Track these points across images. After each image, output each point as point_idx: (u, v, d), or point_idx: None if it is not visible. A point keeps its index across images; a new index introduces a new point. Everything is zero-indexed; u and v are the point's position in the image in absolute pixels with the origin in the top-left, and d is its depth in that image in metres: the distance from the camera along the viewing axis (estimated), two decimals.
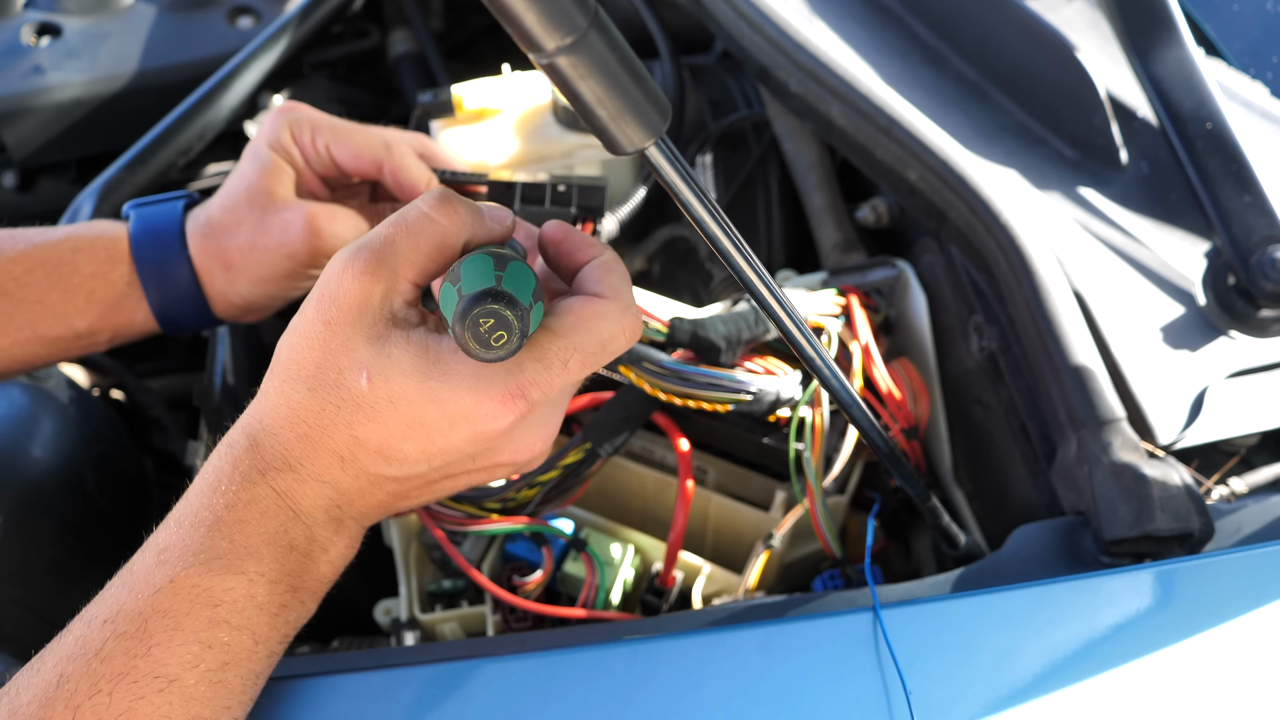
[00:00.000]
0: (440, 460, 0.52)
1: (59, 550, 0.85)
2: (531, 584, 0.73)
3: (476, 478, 0.56)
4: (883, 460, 0.66)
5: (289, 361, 0.52)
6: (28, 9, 1.32)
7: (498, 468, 0.56)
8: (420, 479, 0.54)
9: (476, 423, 0.51)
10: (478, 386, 0.50)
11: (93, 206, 0.95)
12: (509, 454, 0.55)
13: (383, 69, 1.45)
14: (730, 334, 0.73)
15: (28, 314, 0.73)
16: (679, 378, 0.71)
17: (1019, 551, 0.66)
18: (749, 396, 0.72)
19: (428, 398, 0.50)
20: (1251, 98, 0.90)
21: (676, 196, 0.45)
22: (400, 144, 0.79)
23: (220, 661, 0.49)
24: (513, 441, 0.54)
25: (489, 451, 0.54)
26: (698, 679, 0.57)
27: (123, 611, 0.49)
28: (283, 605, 0.52)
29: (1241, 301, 0.74)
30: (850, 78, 0.84)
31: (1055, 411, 0.70)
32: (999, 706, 0.56)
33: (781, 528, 0.75)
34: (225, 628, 0.49)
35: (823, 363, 0.56)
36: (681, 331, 0.73)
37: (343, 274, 0.50)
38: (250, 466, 0.51)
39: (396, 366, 0.50)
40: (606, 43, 0.38)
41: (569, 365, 0.52)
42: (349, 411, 0.50)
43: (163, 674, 0.47)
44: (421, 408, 0.50)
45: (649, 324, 0.73)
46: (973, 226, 0.77)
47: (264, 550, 0.51)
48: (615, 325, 0.53)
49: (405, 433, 0.51)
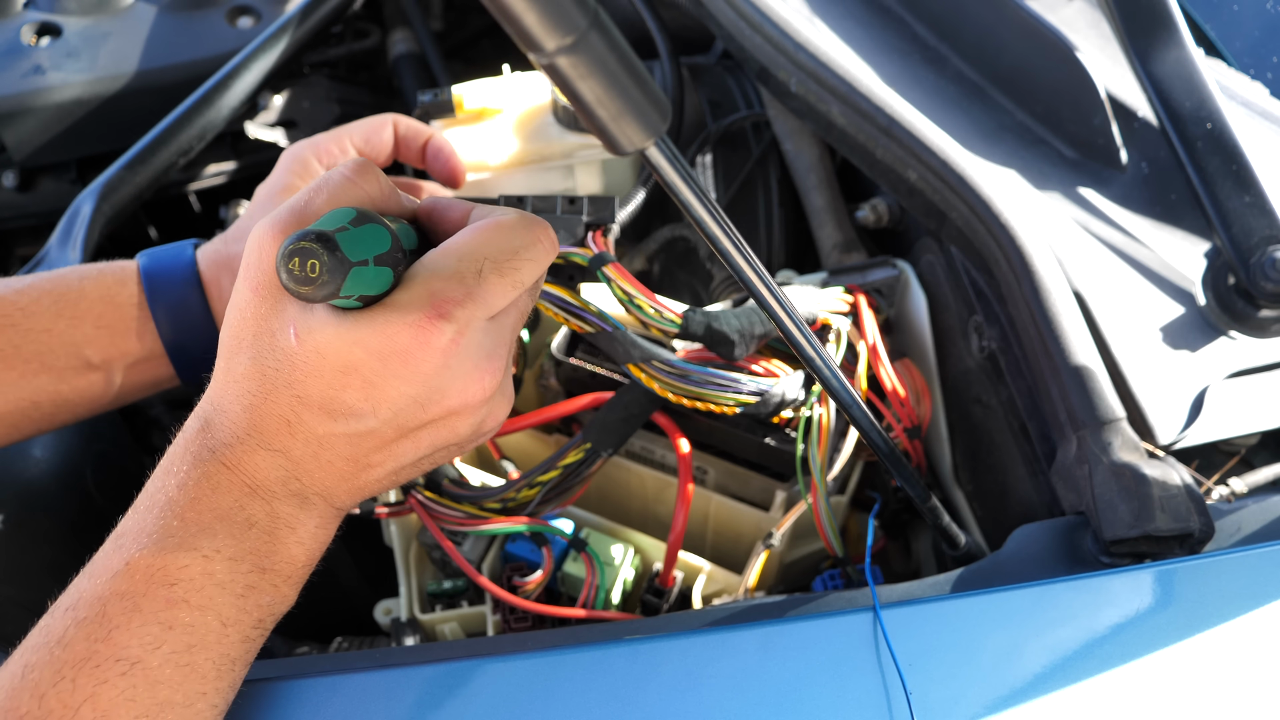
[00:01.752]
0: (386, 409, 0.51)
1: (58, 549, 0.85)
2: (531, 584, 0.73)
3: (437, 434, 0.54)
4: (883, 460, 0.66)
5: (230, 337, 0.52)
6: (28, 9, 1.32)
7: (453, 418, 0.54)
8: (374, 436, 0.52)
9: (408, 356, 0.50)
10: (393, 318, 0.49)
11: (93, 206, 0.95)
12: (458, 395, 0.52)
13: (383, 69, 1.45)
14: (744, 328, 0.73)
15: (35, 344, 0.71)
16: (688, 378, 0.71)
17: (1019, 551, 0.66)
18: (756, 398, 0.72)
19: (350, 339, 0.49)
20: (1251, 98, 0.90)
21: (676, 196, 0.45)
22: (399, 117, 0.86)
23: (185, 643, 0.48)
24: (455, 376, 0.52)
25: (435, 394, 0.52)
26: (698, 679, 0.57)
27: (83, 598, 0.48)
28: (249, 586, 0.51)
29: (1241, 301, 0.74)
30: (850, 78, 0.84)
31: (1055, 411, 0.70)
32: (999, 706, 0.56)
33: (782, 526, 0.75)
34: (185, 607, 0.48)
35: (823, 362, 0.56)
36: (695, 323, 0.72)
37: (263, 239, 0.51)
38: (201, 445, 0.51)
39: (317, 317, 0.50)
40: (606, 43, 0.38)
41: (483, 275, 0.51)
42: (286, 372, 0.50)
43: (124, 656, 0.47)
44: (348, 351, 0.49)
45: (663, 314, 0.72)
46: (973, 226, 0.77)
47: (217, 526, 0.50)
48: (524, 234, 0.53)
49: (341, 381, 0.50)
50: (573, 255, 0.72)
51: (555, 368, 0.83)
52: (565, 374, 0.83)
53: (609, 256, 0.72)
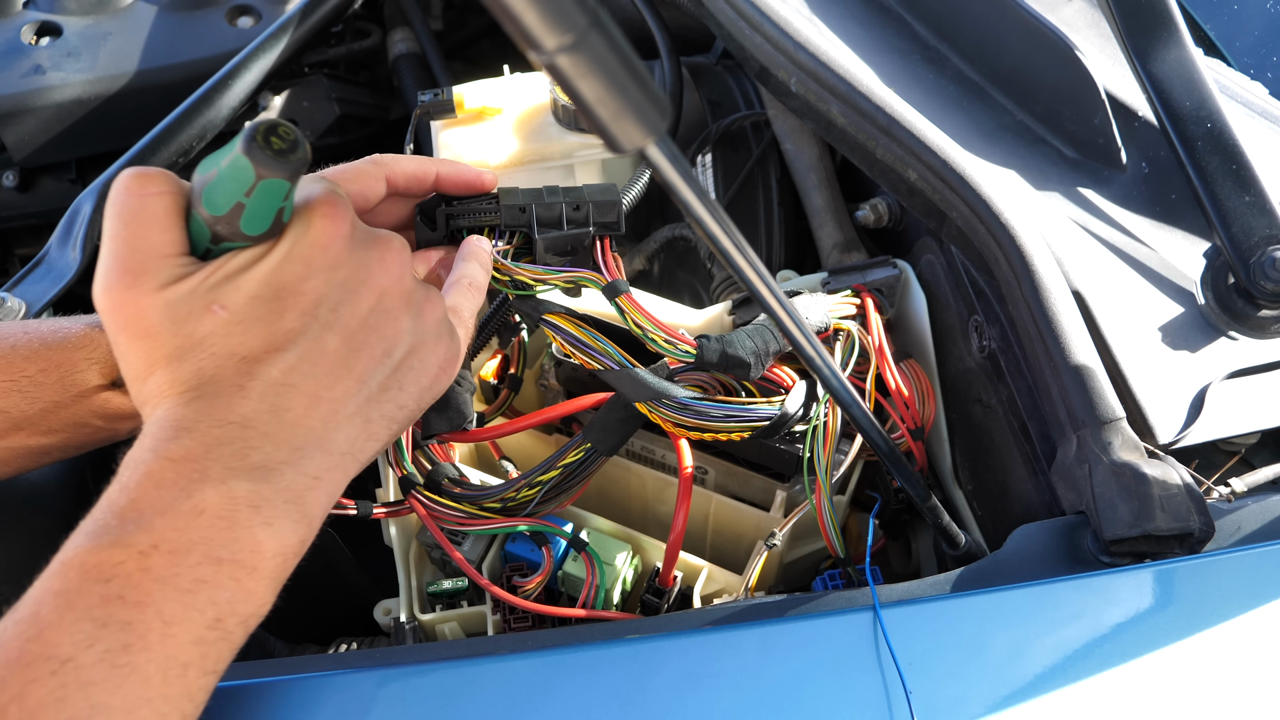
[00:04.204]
0: (325, 309, 0.52)
1: (58, 549, 0.84)
2: (531, 584, 0.73)
3: (382, 330, 0.55)
4: (883, 460, 0.66)
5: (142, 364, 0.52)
6: (28, 9, 1.32)
7: (387, 301, 0.55)
8: (324, 353, 0.52)
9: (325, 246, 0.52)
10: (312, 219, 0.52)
11: (92, 206, 0.95)
12: (378, 266, 0.54)
13: (383, 69, 1.45)
14: (759, 348, 0.73)
15: None
16: (698, 414, 0.71)
17: (1019, 551, 0.66)
18: (766, 422, 0.72)
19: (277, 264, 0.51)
20: (1251, 98, 0.90)
21: (676, 196, 0.45)
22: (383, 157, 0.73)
23: (121, 642, 0.45)
24: (367, 249, 0.54)
25: (359, 270, 0.53)
26: (698, 679, 0.57)
27: (23, 600, 0.46)
28: (198, 580, 0.47)
29: (1241, 301, 0.74)
30: (850, 78, 0.84)
31: (1055, 411, 0.70)
32: (999, 706, 0.56)
33: (784, 527, 0.75)
34: (120, 604, 0.45)
35: (823, 362, 0.56)
36: (710, 351, 0.72)
37: None
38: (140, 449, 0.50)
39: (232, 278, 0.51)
40: (606, 41, 0.38)
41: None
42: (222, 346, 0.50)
43: (54, 655, 0.44)
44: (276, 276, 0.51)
45: (677, 346, 0.71)
46: (973, 226, 0.77)
47: (157, 520, 0.47)
48: None
49: (278, 309, 0.51)
50: (585, 280, 0.72)
51: (555, 367, 0.83)
52: (565, 374, 0.83)
53: (623, 286, 0.71)
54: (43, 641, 0.44)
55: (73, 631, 0.45)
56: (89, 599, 0.45)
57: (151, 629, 0.46)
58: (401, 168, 0.67)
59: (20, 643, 0.44)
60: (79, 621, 0.45)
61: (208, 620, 0.48)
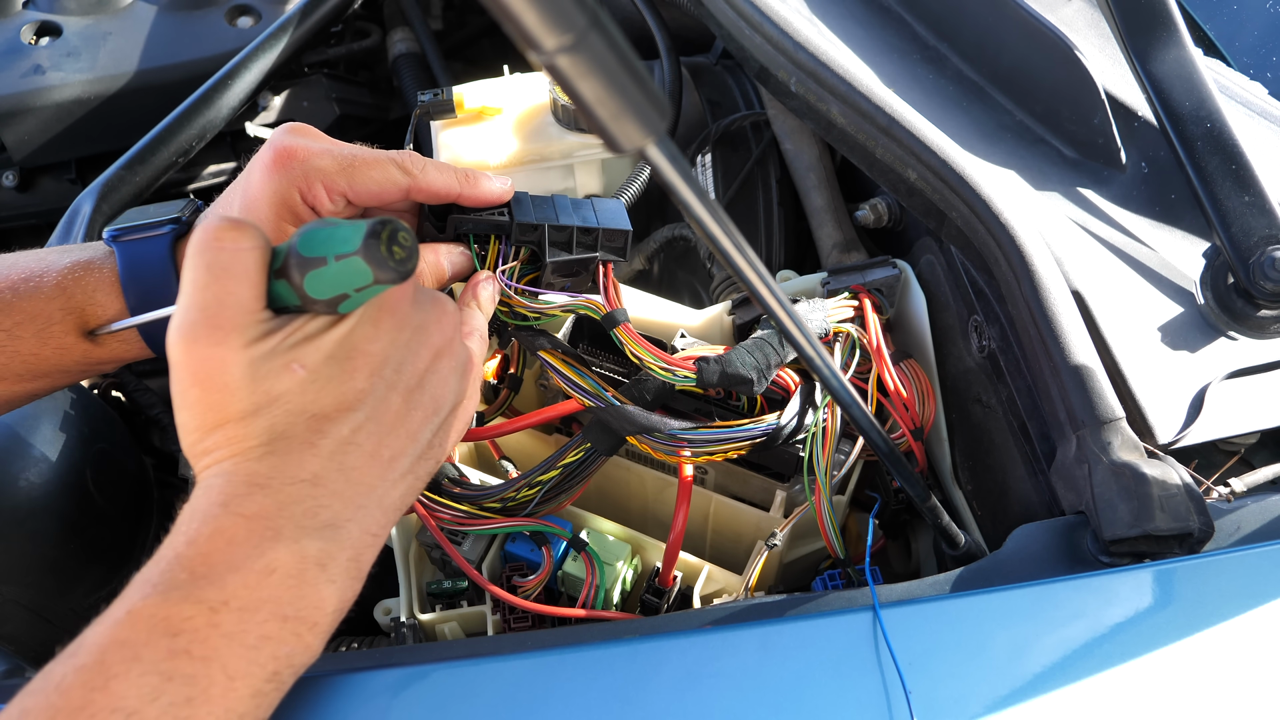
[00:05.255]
0: (389, 369, 0.54)
1: (58, 549, 0.85)
2: (531, 584, 0.73)
3: (434, 388, 0.56)
4: (883, 460, 0.66)
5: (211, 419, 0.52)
6: (28, 9, 1.32)
7: (439, 361, 0.57)
8: (387, 411, 0.54)
9: (393, 309, 0.54)
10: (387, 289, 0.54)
11: (92, 206, 0.95)
12: (435, 326, 0.57)
13: (383, 69, 1.45)
14: (760, 364, 0.73)
15: None
16: (689, 444, 0.71)
17: (1019, 551, 0.66)
18: (764, 438, 0.72)
19: (353, 329, 0.53)
20: (1251, 98, 0.90)
21: (676, 196, 0.45)
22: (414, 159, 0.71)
23: (184, 696, 0.46)
24: (426, 310, 0.56)
25: (419, 333, 0.56)
26: (698, 679, 0.57)
27: (84, 645, 0.47)
28: (264, 636, 0.49)
29: (1241, 301, 0.74)
30: (850, 78, 0.84)
31: (1055, 411, 0.70)
32: (999, 706, 0.56)
33: (784, 527, 0.75)
34: (186, 659, 0.47)
35: (823, 363, 0.56)
36: (710, 372, 0.72)
37: None
38: (209, 502, 0.50)
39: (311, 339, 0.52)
40: (606, 42, 0.38)
41: None
42: (296, 404, 0.51)
43: (120, 707, 0.45)
44: (351, 341, 0.53)
45: (676, 373, 0.72)
46: (973, 226, 0.77)
47: (229, 578, 0.48)
48: None
49: (349, 371, 0.53)
50: (583, 308, 0.72)
51: None
52: None
53: (621, 315, 0.72)
54: (110, 693, 0.45)
55: (139, 685, 0.46)
56: (156, 652, 0.46)
57: (215, 683, 0.47)
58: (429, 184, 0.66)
59: (85, 692, 0.45)
60: (145, 675, 0.46)
61: (267, 674, 0.49)
